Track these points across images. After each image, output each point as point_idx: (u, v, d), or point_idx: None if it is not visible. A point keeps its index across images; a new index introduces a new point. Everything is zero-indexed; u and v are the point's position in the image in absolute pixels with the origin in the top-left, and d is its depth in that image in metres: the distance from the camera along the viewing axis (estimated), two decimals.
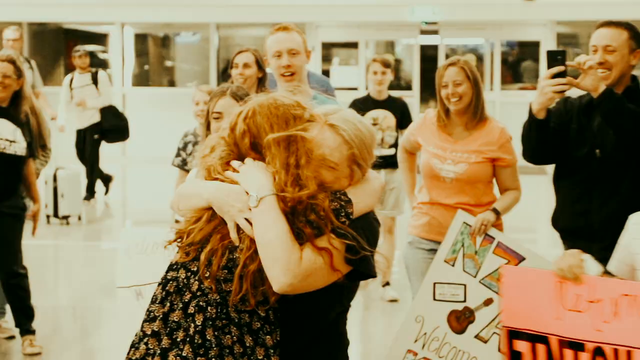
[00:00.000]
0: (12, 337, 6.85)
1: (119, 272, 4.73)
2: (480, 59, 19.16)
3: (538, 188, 16.09)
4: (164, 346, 2.91)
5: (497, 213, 5.28)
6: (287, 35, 4.94)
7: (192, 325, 2.89)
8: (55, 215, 11.74)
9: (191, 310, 2.90)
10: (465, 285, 5.28)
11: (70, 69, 20.60)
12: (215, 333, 2.87)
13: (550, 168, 15.91)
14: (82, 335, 7.31)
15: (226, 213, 2.90)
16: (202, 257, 2.89)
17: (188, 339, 2.88)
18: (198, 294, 2.91)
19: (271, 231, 2.80)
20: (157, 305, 2.99)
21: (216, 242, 2.89)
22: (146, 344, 2.94)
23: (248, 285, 2.82)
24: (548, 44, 18.57)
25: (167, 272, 3.03)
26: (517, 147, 5.44)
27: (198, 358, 2.86)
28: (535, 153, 4.61)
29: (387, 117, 8.18)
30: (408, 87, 19.13)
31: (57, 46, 20.31)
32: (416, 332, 5.25)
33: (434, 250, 5.34)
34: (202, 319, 2.88)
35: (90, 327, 7.54)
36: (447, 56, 18.85)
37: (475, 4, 18.27)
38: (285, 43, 4.90)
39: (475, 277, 5.26)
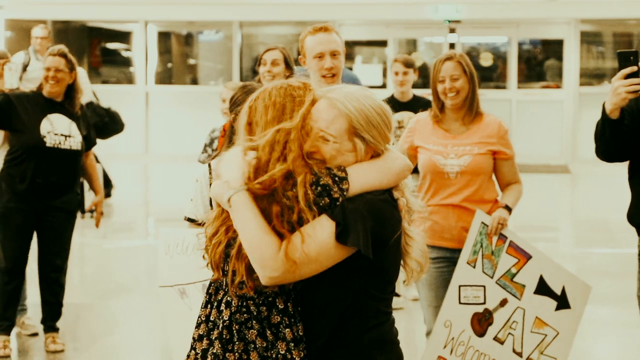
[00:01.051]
0: (35, 334, 6.88)
1: (160, 272, 4.74)
2: (502, 57, 19.09)
3: (560, 187, 16.05)
4: (204, 347, 2.97)
5: (509, 210, 5.24)
6: (328, 37, 4.87)
7: (221, 321, 2.93)
8: (82, 210, 11.79)
9: (222, 307, 2.95)
10: (484, 287, 5.25)
11: (94, 67, 20.69)
12: (238, 327, 2.90)
13: (574, 167, 15.81)
14: (103, 332, 7.34)
15: (222, 204, 2.93)
16: (210, 249, 2.95)
17: (215, 335, 2.93)
18: (226, 290, 2.95)
19: (244, 229, 2.82)
20: (202, 309, 3.04)
21: (222, 234, 2.93)
22: (194, 348, 3.00)
23: (243, 269, 2.84)
24: (571, 42, 18.49)
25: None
26: (537, 144, 5.44)
27: (227, 354, 2.91)
28: (608, 151, 4.57)
29: (412, 119, 7.83)
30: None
31: (80, 44, 20.38)
32: (445, 337, 5.20)
33: (438, 259, 5.26)
34: (228, 314, 2.92)
35: (112, 325, 7.58)
36: (469, 54, 18.80)
37: (499, 2, 18.21)
38: (328, 45, 4.83)
39: (492, 277, 5.24)
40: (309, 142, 2.89)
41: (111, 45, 21.08)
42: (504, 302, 5.25)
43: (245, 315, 2.91)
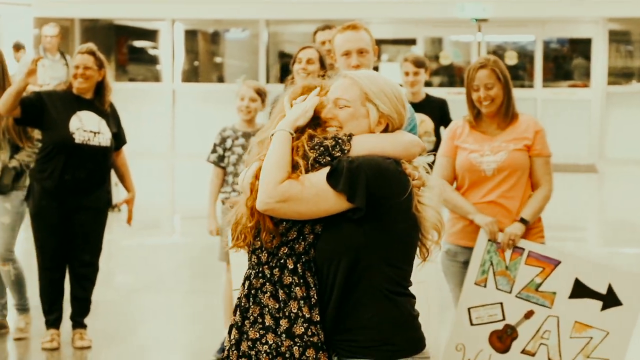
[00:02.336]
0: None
1: (235, 275, 4.75)
2: (529, 56, 19.01)
3: (588, 186, 15.97)
4: (230, 323, 3.18)
5: (526, 223, 5.16)
6: (356, 35, 4.85)
7: (243, 292, 3.13)
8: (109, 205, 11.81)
9: (245, 282, 3.16)
10: (501, 303, 5.17)
11: (121, 64, 20.77)
12: (254, 293, 3.10)
13: (601, 166, 15.66)
14: (130, 330, 7.36)
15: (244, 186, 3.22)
16: (233, 219, 3.19)
17: (239, 304, 3.14)
18: (248, 264, 3.18)
19: (267, 158, 3.06)
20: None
21: (242, 205, 3.17)
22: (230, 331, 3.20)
23: (267, 221, 3.06)
24: (599, 41, 18.39)
25: None
26: (565, 143, 5.38)
27: (245, 321, 3.10)
28: None
29: (424, 122, 7.35)
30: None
31: (107, 42, 20.46)
32: None
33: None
34: (248, 284, 3.14)
35: (138, 323, 7.60)
36: (495, 53, 18.73)
37: (526, 0, 18.13)
38: (355, 43, 4.82)
39: (510, 292, 5.16)
40: (326, 110, 3.15)
41: (138, 44, 21.15)
42: (529, 314, 5.17)
43: (260, 280, 3.10)
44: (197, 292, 8.52)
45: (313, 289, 3.06)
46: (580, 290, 5.11)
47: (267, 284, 3.08)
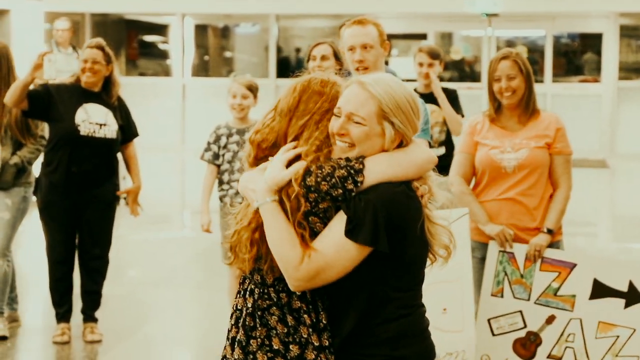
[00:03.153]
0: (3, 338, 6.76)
1: None
2: (540, 50, 18.96)
3: (599, 181, 15.92)
4: (232, 335, 3.02)
5: (551, 232, 5.13)
6: (361, 29, 4.86)
7: (245, 308, 2.99)
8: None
9: (247, 295, 3.01)
10: (521, 312, 5.15)
11: (131, 59, 20.79)
12: (261, 314, 2.94)
13: (612, 161, 15.61)
14: (139, 324, 7.37)
15: (247, 197, 3.02)
16: (233, 239, 3.02)
17: (241, 322, 2.98)
18: (251, 279, 3.02)
19: (270, 239, 2.89)
20: (235, 299, 3.10)
21: (245, 227, 2.99)
22: (227, 338, 3.05)
23: (259, 247, 2.93)
24: (610, 36, 18.33)
25: None
26: (575, 138, 5.35)
27: (250, 340, 2.95)
28: None
29: (435, 112, 7.20)
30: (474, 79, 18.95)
31: (118, 37, 20.48)
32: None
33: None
34: (252, 301, 2.98)
35: (148, 317, 7.60)
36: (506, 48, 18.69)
37: None
38: (359, 37, 4.83)
39: (528, 300, 5.13)
40: (338, 124, 2.93)
41: (148, 38, 21.16)
42: (550, 319, 5.13)
43: (267, 301, 2.95)
44: (206, 286, 8.52)
45: (322, 313, 2.94)
46: (600, 290, 5.06)
47: (274, 307, 2.94)
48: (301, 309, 2.93)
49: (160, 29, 20.85)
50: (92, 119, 6.48)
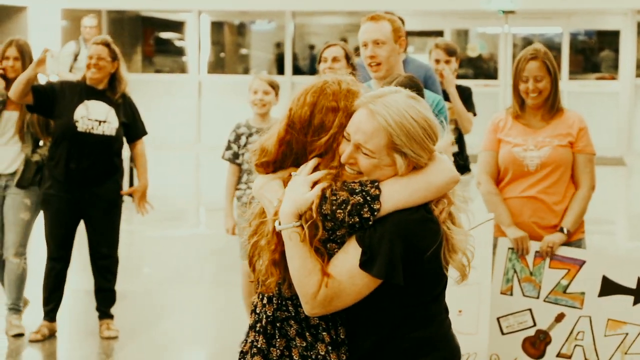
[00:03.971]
0: (20, 335, 6.76)
1: None
2: (556, 48, 18.89)
3: (615, 179, 15.85)
4: (251, 339, 2.98)
5: (566, 232, 5.12)
6: (374, 25, 4.89)
7: (264, 315, 2.94)
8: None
9: (265, 301, 2.95)
10: (530, 310, 5.14)
11: (147, 56, 20.82)
12: (280, 324, 2.91)
13: (629, 159, 15.55)
14: (156, 320, 7.38)
15: (264, 205, 2.94)
16: (249, 250, 2.96)
17: (261, 330, 2.93)
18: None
19: (290, 264, 2.81)
20: (254, 298, 3.05)
21: (265, 248, 2.90)
22: (248, 335, 3.02)
23: (282, 270, 2.84)
24: (628, 33, 18.24)
25: None
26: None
27: (271, 348, 2.91)
28: None
29: (449, 109, 6.87)
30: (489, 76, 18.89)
31: (134, 34, 20.52)
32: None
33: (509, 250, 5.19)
34: (272, 310, 2.92)
35: (164, 313, 7.61)
36: (525, 46, 18.61)
37: None
38: (371, 34, 4.87)
39: (538, 297, 5.11)
40: (347, 153, 2.82)
41: (164, 35, 21.19)
42: (560, 317, 5.12)
43: (285, 313, 2.90)
44: (222, 283, 8.53)
45: (340, 328, 2.90)
46: (609, 287, 5.05)
47: (292, 320, 2.90)
48: (320, 325, 2.88)
49: (176, 26, 20.88)
50: (92, 116, 6.49)
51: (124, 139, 6.76)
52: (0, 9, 18.64)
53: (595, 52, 19.67)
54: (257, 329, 2.95)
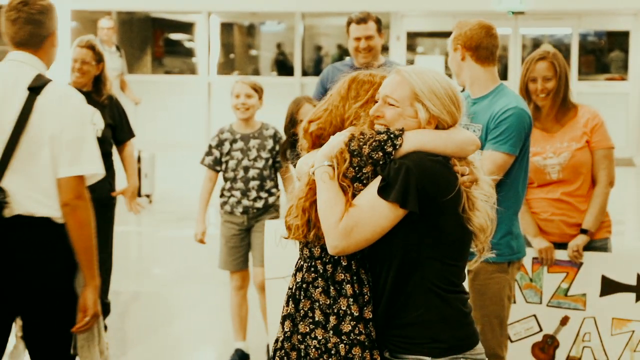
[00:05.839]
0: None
1: (268, 264, 4.75)
2: (566, 49, 18.87)
3: (625, 180, 15.83)
4: (283, 314, 3.15)
5: (587, 232, 5.14)
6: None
7: (295, 284, 3.11)
8: (139, 194, 11.87)
9: (296, 272, 3.14)
10: (534, 315, 5.17)
11: (157, 57, 20.86)
12: (306, 286, 3.07)
13: (639, 159, 15.48)
14: (165, 321, 7.40)
15: (302, 172, 3.18)
16: (289, 216, 3.13)
17: (291, 296, 3.11)
18: (300, 253, 3.16)
19: (318, 200, 3.01)
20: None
21: (299, 199, 3.11)
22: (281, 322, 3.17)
23: (309, 215, 3.05)
24: (638, 33, 18.21)
25: None
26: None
27: (296, 313, 3.08)
28: None
29: None
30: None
31: (144, 35, 20.56)
32: None
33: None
34: (301, 276, 3.11)
35: (173, 313, 7.63)
36: (535, 46, 18.61)
37: None
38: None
39: (541, 303, 5.14)
40: (375, 107, 3.09)
41: (174, 36, 21.23)
42: (564, 321, 5.14)
43: (313, 274, 3.07)
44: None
45: (367, 286, 3.04)
46: (609, 287, 5.07)
47: (320, 279, 3.05)
48: (344, 280, 3.03)
49: (186, 27, 20.91)
50: None
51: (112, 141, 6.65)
52: None
53: (604, 53, 19.63)
54: (287, 298, 3.13)
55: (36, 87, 3.97)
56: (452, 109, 3.07)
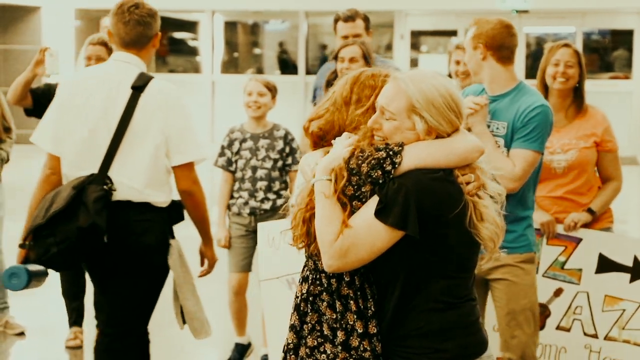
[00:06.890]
0: (22, 334, 6.84)
1: (262, 265, 4.74)
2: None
3: (628, 178, 15.84)
4: (291, 323, 3.11)
5: (593, 213, 5.20)
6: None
7: (300, 294, 3.08)
8: None
9: (301, 281, 3.11)
10: None
11: (161, 56, 20.87)
12: (312, 299, 3.04)
13: None
14: (170, 321, 7.41)
15: (304, 173, 3.13)
16: (293, 223, 3.08)
17: (296, 307, 3.08)
18: (306, 263, 3.12)
19: (316, 213, 2.95)
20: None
21: (301, 208, 3.06)
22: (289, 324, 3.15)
23: (308, 226, 3.00)
24: None
25: None
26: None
27: (304, 325, 3.05)
28: None
29: None
30: None
31: None
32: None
33: None
34: (306, 287, 3.07)
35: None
36: (538, 45, 18.61)
37: None
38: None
39: (537, 273, 5.18)
40: (373, 118, 3.00)
41: (178, 35, 21.25)
42: (558, 292, 5.21)
43: (318, 287, 3.03)
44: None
45: (371, 300, 2.99)
46: (605, 265, 5.15)
47: (325, 293, 3.01)
48: (349, 295, 2.98)
49: (190, 26, 20.93)
50: None
51: None
52: (13, 9, 18.72)
53: (608, 52, 19.64)
54: (293, 306, 3.09)
55: (139, 86, 4.38)
56: (451, 117, 2.95)
